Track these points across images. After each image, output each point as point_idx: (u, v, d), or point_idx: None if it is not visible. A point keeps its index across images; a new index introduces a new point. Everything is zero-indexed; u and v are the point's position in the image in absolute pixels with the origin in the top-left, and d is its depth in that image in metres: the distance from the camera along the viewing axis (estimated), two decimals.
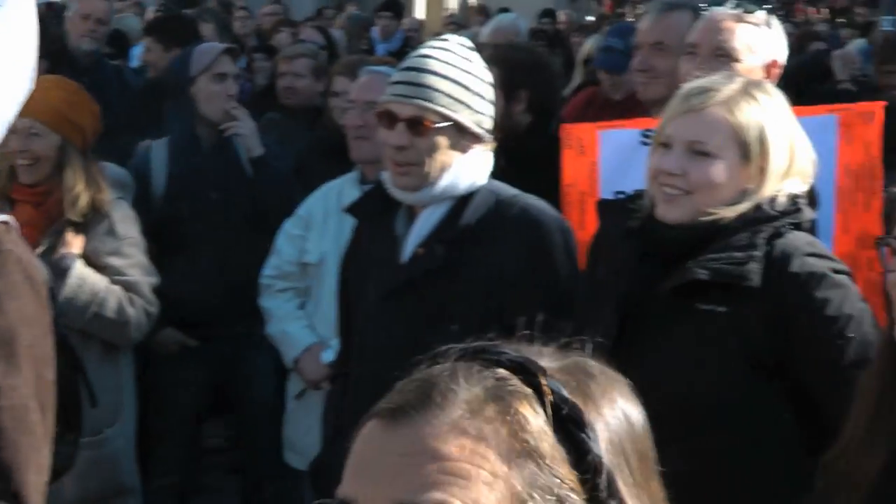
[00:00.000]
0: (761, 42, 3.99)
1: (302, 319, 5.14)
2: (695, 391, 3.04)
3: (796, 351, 3.08)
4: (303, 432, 5.03)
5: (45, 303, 3.41)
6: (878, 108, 3.98)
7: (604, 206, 3.59)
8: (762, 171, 3.13)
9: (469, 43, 3.80)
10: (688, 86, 3.22)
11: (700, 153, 3.12)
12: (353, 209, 4.00)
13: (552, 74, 5.59)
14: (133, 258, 4.98)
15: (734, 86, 3.16)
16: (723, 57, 3.91)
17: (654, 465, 1.29)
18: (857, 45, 11.26)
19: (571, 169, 4.17)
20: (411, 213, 3.75)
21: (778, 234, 3.12)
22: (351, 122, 5.19)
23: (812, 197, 3.31)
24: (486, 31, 8.64)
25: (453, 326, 3.43)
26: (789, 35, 4.25)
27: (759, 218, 3.12)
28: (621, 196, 4.00)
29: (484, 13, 13.72)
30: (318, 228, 5.12)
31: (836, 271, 3.13)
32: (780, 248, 3.10)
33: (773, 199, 3.15)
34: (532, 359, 1.25)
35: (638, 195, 3.36)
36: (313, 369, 5.02)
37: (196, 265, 5.68)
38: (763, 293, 3.05)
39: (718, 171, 3.12)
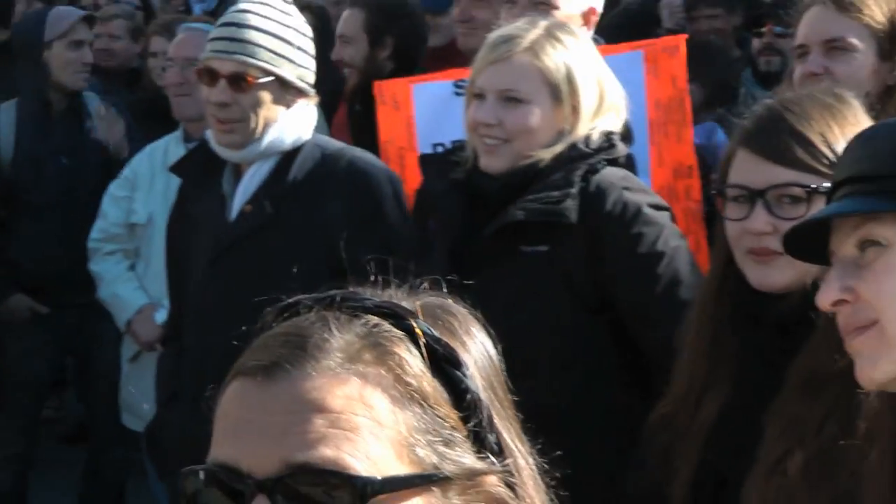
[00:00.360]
0: None
1: (132, 281, 5.08)
2: (526, 330, 3.07)
3: (611, 287, 3.14)
4: (140, 394, 4.97)
5: None
6: (680, 41, 4.07)
7: (426, 161, 3.61)
8: (574, 111, 3.18)
9: None
10: (492, 35, 3.25)
11: (513, 100, 3.16)
12: (177, 168, 3.94)
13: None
14: None
15: (537, 30, 3.20)
16: (542, 5, 3.93)
17: (510, 395, 1.28)
18: None
19: (388, 125, 4.17)
20: (237, 170, 3.71)
21: (594, 171, 3.17)
22: (171, 80, 5.13)
23: (627, 132, 3.37)
24: None
25: (291, 283, 3.41)
26: None
27: (574, 156, 3.17)
28: (441, 149, 4.03)
29: None
30: (144, 188, 5.06)
31: (653, 206, 3.19)
32: (595, 184, 3.15)
33: (587, 138, 3.20)
34: (398, 302, 1.23)
35: (459, 147, 3.40)
36: (146, 331, 4.96)
37: (42, 231, 5.59)
38: (580, 229, 3.11)
39: (533, 115, 3.17)
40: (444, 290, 1.30)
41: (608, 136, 3.24)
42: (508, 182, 3.18)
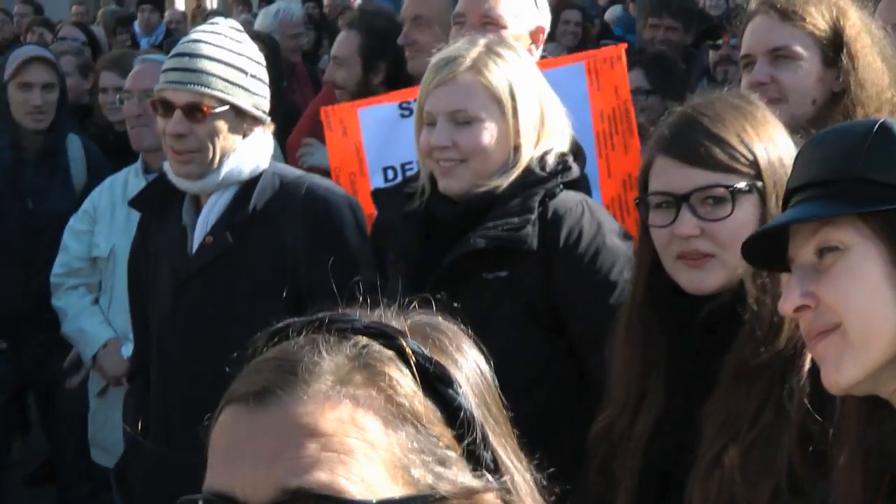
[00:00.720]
0: (525, 9, 4.07)
1: (97, 315, 5.05)
2: (491, 354, 3.04)
3: (563, 311, 3.17)
4: (109, 430, 4.93)
5: None
6: (619, 51, 4.09)
7: (379, 195, 3.60)
8: (518, 124, 3.20)
9: (239, 26, 3.77)
10: (434, 59, 3.27)
11: (463, 120, 3.18)
12: (136, 202, 3.93)
13: None
14: None
15: (478, 48, 3.23)
16: (490, 25, 3.97)
17: (504, 411, 1.28)
18: (612, 11, 11.55)
19: (337, 151, 4.17)
20: (197, 201, 3.70)
21: (551, 195, 3.20)
22: (130, 112, 5.12)
23: (578, 150, 3.39)
24: (261, 17, 8.60)
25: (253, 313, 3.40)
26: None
27: (531, 181, 3.20)
28: (391, 172, 4.03)
29: (246, 3, 13.61)
30: (105, 221, 5.04)
31: (614, 233, 3.22)
32: (552, 210, 3.18)
33: (542, 160, 3.23)
34: (387, 322, 1.23)
35: (411, 178, 3.40)
36: (113, 365, 4.93)
37: (2, 269, 5.58)
38: (538, 255, 3.14)
39: (485, 132, 3.19)
40: (434, 307, 1.31)
41: (562, 157, 3.27)
42: (466, 209, 3.20)
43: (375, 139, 4.16)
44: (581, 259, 3.15)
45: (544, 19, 4.14)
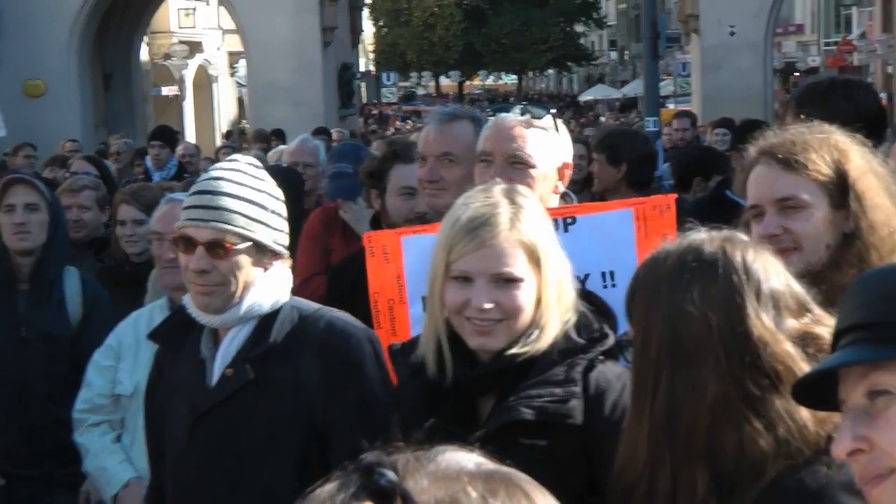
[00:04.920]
0: (552, 146, 4.05)
1: (119, 454, 5.01)
2: None
3: (602, 485, 3.08)
4: None
5: None
6: (670, 200, 4.11)
7: (392, 355, 3.58)
8: (545, 278, 3.20)
9: (258, 162, 3.82)
10: (463, 217, 3.21)
11: (505, 282, 3.18)
12: (154, 335, 3.95)
13: None
14: None
15: (506, 205, 3.20)
16: (518, 164, 3.95)
17: None
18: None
19: (377, 277, 4.18)
20: (215, 334, 3.72)
21: (591, 366, 3.21)
22: (163, 255, 5.14)
23: (606, 309, 3.38)
24: (288, 149, 8.80)
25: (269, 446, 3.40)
26: None
27: (571, 349, 3.20)
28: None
29: (263, 139, 13.87)
30: (129, 358, 5.02)
31: None
32: (594, 385, 3.18)
33: (579, 324, 3.24)
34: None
35: (410, 345, 3.38)
36: None
37: None
38: (580, 429, 3.14)
39: (527, 294, 3.19)
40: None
41: (600, 323, 3.28)
42: (492, 372, 3.19)
43: (417, 268, 4.14)
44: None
45: (568, 154, 4.14)
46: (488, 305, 3.17)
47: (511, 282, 3.18)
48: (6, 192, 5.85)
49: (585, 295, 3.40)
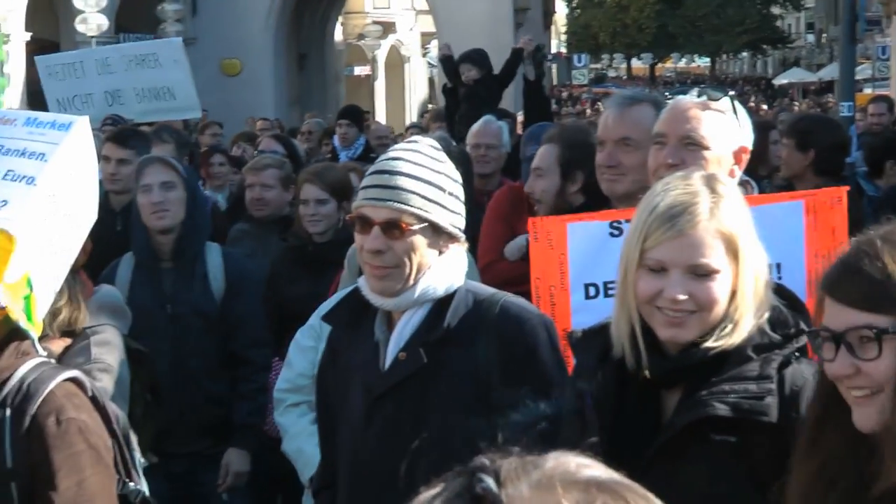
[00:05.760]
0: (728, 129, 3.94)
1: (316, 436, 5.00)
2: None
3: None
4: None
5: (108, 470, 3.31)
6: (842, 192, 3.97)
7: (573, 341, 3.44)
8: (741, 269, 3.07)
9: (437, 144, 3.77)
10: (663, 204, 3.07)
11: (702, 274, 3.05)
12: (328, 317, 3.94)
13: None
14: (99, 382, 4.91)
15: (706, 192, 3.07)
16: (691, 146, 3.87)
17: None
18: None
19: (540, 262, 4.14)
20: (389, 317, 3.70)
21: (786, 363, 3.08)
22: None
23: (799, 306, 3.24)
24: (472, 130, 8.71)
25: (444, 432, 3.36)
26: None
27: (766, 344, 3.08)
28: (593, 290, 3.97)
29: (441, 119, 13.87)
30: None
31: None
32: (789, 383, 3.05)
33: (773, 319, 3.10)
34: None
35: (604, 327, 3.26)
36: None
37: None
38: (776, 427, 3.00)
39: (722, 286, 3.05)
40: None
41: (795, 318, 3.14)
42: (683, 365, 3.07)
43: (581, 255, 4.11)
44: None
45: (747, 138, 4.01)
46: (682, 297, 3.04)
47: (707, 273, 3.05)
48: (142, 173, 5.96)
49: (777, 288, 3.25)
